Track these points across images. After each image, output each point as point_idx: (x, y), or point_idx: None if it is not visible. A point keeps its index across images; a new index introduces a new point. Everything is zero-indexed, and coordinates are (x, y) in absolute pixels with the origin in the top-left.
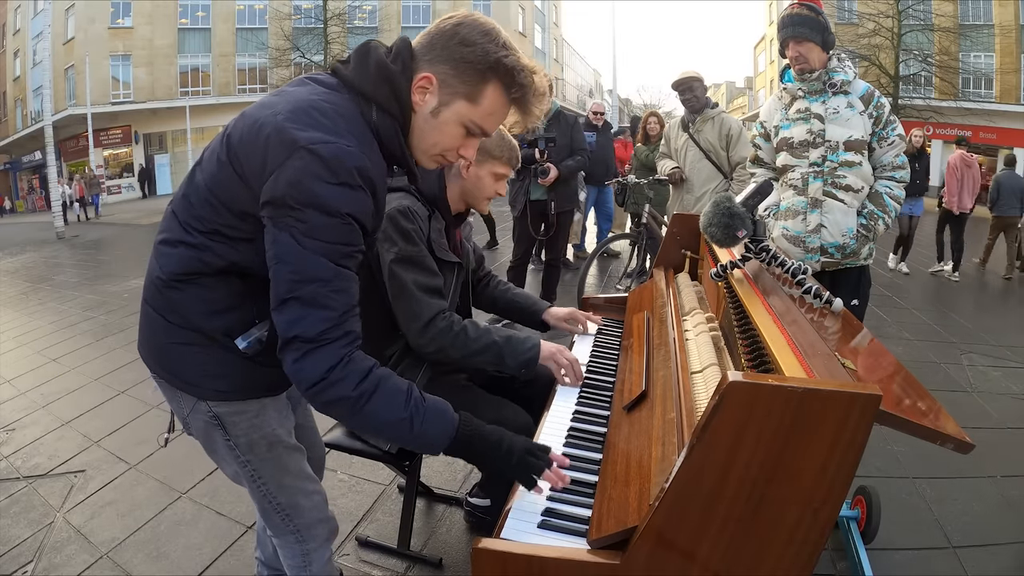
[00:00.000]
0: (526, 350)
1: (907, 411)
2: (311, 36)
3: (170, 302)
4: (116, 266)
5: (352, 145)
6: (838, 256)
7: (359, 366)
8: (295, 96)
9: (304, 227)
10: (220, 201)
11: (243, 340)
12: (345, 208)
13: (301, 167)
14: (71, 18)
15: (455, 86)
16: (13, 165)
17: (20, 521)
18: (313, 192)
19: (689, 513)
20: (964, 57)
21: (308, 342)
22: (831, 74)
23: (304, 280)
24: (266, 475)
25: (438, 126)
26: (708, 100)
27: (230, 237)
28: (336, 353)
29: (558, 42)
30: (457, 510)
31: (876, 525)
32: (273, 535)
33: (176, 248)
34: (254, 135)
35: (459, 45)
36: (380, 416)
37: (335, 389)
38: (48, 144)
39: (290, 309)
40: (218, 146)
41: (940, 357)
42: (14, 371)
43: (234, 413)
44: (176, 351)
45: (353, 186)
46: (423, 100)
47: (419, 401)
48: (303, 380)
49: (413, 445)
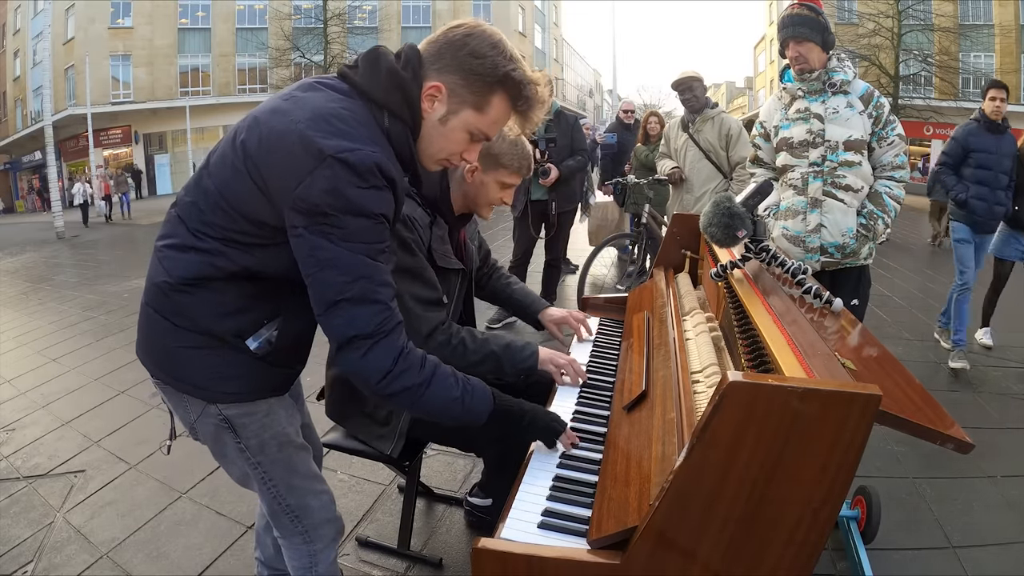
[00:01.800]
0: (524, 358)
1: (907, 411)
2: (311, 36)
3: (178, 305)
4: (116, 266)
5: (376, 150)
6: (838, 256)
7: (417, 353)
8: (312, 103)
9: (343, 232)
10: (235, 209)
11: (254, 340)
12: (378, 209)
13: (332, 175)
14: (71, 18)
15: (464, 96)
16: (13, 165)
17: (20, 521)
18: (347, 198)
19: (689, 513)
20: (964, 57)
21: (368, 337)
22: (831, 74)
23: (352, 280)
24: (276, 476)
25: (445, 133)
26: (708, 100)
27: (245, 244)
28: (397, 343)
29: (558, 42)
30: (457, 510)
31: (876, 525)
32: (280, 536)
33: (186, 253)
34: (275, 144)
35: (469, 56)
36: (440, 397)
37: (403, 378)
38: (48, 144)
39: (342, 311)
40: (230, 152)
41: (940, 357)
42: (14, 371)
43: (244, 415)
44: (184, 354)
45: (380, 187)
46: (432, 107)
47: (464, 380)
48: (372, 374)
49: (462, 419)
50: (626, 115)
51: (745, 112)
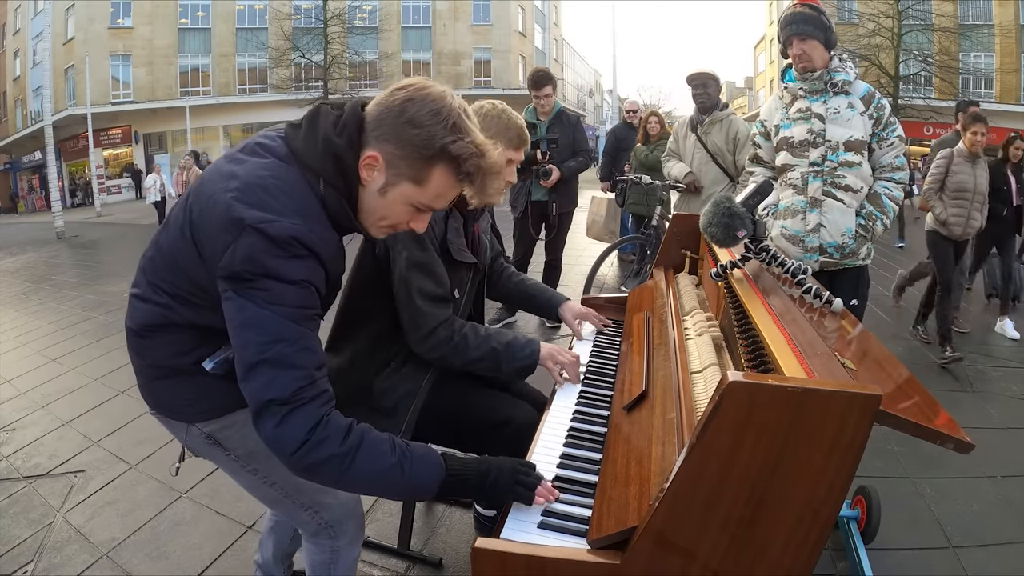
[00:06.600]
0: (524, 356)
1: (907, 411)
2: (311, 36)
3: (141, 348)
4: (116, 266)
5: (296, 223)
6: (837, 256)
7: (340, 423)
8: (247, 171)
9: (267, 294)
10: (181, 270)
11: (210, 362)
12: (299, 276)
13: (251, 243)
14: (71, 18)
15: (400, 168)
16: (13, 165)
17: (20, 521)
18: (265, 265)
19: (689, 513)
20: (964, 57)
21: (284, 403)
22: (832, 74)
23: (271, 341)
24: (279, 478)
25: (386, 204)
26: (719, 101)
27: (192, 302)
28: (315, 413)
29: (558, 42)
30: (457, 510)
31: (876, 525)
32: (303, 534)
33: (145, 303)
34: (208, 214)
35: (406, 125)
36: (370, 467)
37: (320, 449)
38: (48, 144)
39: (260, 373)
40: (181, 215)
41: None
42: (14, 371)
43: (223, 428)
44: (158, 385)
45: (301, 256)
46: (371, 177)
47: (403, 446)
48: (286, 445)
49: (407, 492)
50: (629, 115)
51: (745, 112)
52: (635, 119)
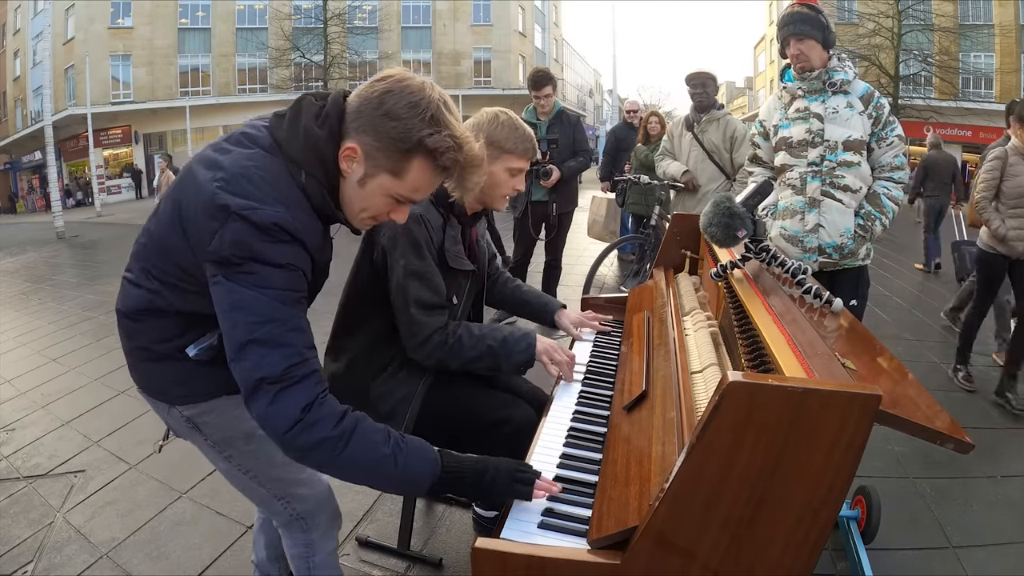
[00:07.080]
0: (521, 351)
1: (907, 411)
2: (311, 36)
3: (128, 330)
4: (116, 266)
5: (279, 211)
6: (836, 256)
7: (335, 407)
8: (232, 160)
9: (255, 277)
10: (170, 256)
11: (193, 348)
12: (285, 259)
13: (237, 229)
14: (71, 18)
15: (379, 159)
16: (13, 165)
17: (20, 521)
18: (252, 249)
19: (689, 513)
20: (964, 57)
21: (276, 381)
22: (831, 73)
23: (260, 322)
24: (253, 467)
25: (365, 195)
26: (715, 102)
27: (180, 288)
28: (310, 391)
29: (558, 42)
30: (457, 510)
31: (876, 525)
32: (277, 524)
33: (136, 288)
34: (196, 200)
35: (384, 118)
36: (363, 455)
37: (314, 431)
38: (48, 144)
39: (250, 353)
40: (169, 203)
41: (940, 357)
42: (14, 371)
43: (203, 413)
44: (144, 366)
45: (286, 240)
46: (350, 168)
47: (398, 438)
48: (278, 424)
49: (400, 485)
50: (629, 115)
51: (745, 112)
52: (635, 119)
